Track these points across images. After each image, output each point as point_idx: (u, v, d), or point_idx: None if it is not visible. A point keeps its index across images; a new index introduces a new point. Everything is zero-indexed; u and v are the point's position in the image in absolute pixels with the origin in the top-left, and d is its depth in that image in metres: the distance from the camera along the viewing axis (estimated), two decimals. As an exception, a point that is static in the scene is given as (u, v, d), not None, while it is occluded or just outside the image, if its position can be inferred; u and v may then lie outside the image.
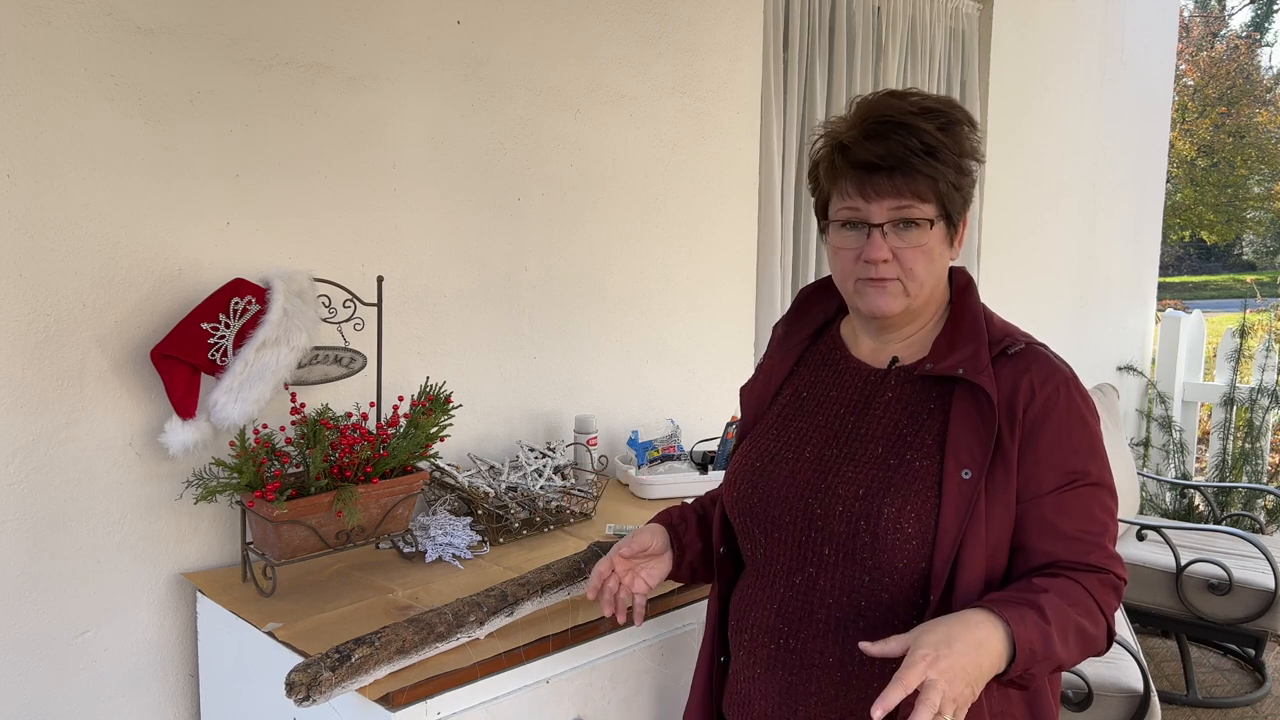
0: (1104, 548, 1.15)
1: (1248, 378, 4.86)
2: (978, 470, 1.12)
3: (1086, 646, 1.11)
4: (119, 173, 1.61)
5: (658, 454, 2.32)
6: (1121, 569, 1.17)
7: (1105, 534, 1.15)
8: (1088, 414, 1.17)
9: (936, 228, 1.17)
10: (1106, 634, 1.14)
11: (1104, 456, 1.18)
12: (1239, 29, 22.81)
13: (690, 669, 1.68)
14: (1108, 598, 1.14)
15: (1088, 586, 1.12)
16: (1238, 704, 3.16)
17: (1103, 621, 1.13)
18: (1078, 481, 1.14)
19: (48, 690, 1.60)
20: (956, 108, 1.19)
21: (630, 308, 2.49)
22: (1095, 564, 1.14)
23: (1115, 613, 1.16)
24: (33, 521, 1.57)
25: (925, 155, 1.14)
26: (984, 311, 1.24)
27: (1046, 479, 1.14)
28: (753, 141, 2.77)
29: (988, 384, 1.14)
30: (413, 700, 1.27)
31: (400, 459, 1.68)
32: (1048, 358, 1.19)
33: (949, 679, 0.95)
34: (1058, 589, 1.09)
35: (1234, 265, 23.16)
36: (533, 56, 2.20)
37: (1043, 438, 1.14)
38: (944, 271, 1.23)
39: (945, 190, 1.16)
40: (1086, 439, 1.16)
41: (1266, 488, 3.98)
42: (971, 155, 1.20)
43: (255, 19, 1.74)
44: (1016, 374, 1.16)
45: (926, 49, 3.40)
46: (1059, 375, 1.17)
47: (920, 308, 1.23)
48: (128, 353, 1.64)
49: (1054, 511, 1.13)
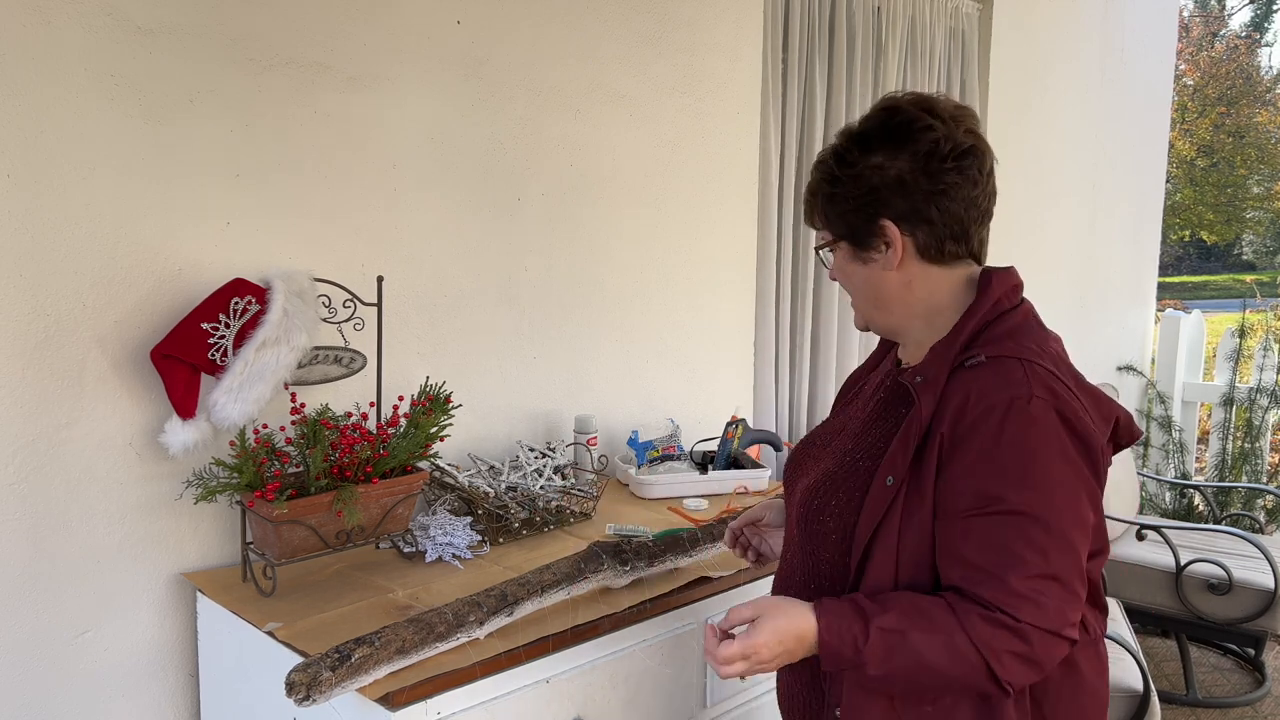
0: (1003, 582, 1.04)
1: (1247, 378, 4.86)
2: (899, 479, 1.13)
3: (936, 677, 1.06)
4: (119, 173, 1.61)
5: (658, 454, 2.32)
6: (1031, 611, 1.03)
7: (1013, 568, 1.04)
8: (1033, 437, 1.06)
9: (840, 247, 1.24)
10: (988, 675, 1.04)
11: (1042, 485, 1.06)
12: (1239, 29, 22.82)
13: (690, 669, 1.68)
14: (991, 637, 1.04)
15: (962, 619, 1.05)
16: (1237, 704, 3.16)
17: (974, 659, 1.04)
18: (991, 508, 1.06)
19: (48, 690, 1.60)
20: (846, 132, 1.22)
21: (630, 307, 2.49)
22: (984, 598, 1.05)
23: (1014, 656, 1.04)
24: (33, 521, 1.57)
25: (809, 196, 1.26)
26: (989, 316, 1.17)
27: (960, 500, 1.08)
28: (753, 141, 2.77)
29: (924, 397, 1.14)
30: (413, 700, 1.27)
31: (400, 459, 1.68)
32: (1008, 372, 1.10)
33: (760, 664, 1.11)
34: (915, 609, 1.07)
35: (1234, 265, 23.15)
36: (533, 56, 2.20)
37: (963, 457, 1.09)
38: (897, 285, 1.21)
39: (824, 213, 1.24)
40: (1016, 464, 1.06)
41: (1266, 488, 3.98)
42: (848, 166, 1.19)
43: (255, 19, 1.74)
44: (963, 389, 1.11)
45: (926, 49, 3.40)
46: (1007, 391, 1.08)
47: (900, 322, 1.24)
48: (128, 353, 1.64)
49: (960, 535, 1.08)
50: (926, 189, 1.15)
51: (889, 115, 1.18)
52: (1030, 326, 1.18)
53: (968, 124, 1.18)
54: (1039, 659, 1.05)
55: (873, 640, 1.06)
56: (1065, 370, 1.14)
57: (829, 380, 3.13)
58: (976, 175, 1.17)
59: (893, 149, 1.16)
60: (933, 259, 1.19)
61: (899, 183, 1.16)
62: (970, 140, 1.17)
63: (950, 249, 1.19)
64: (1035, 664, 1.06)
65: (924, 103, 1.18)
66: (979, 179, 1.18)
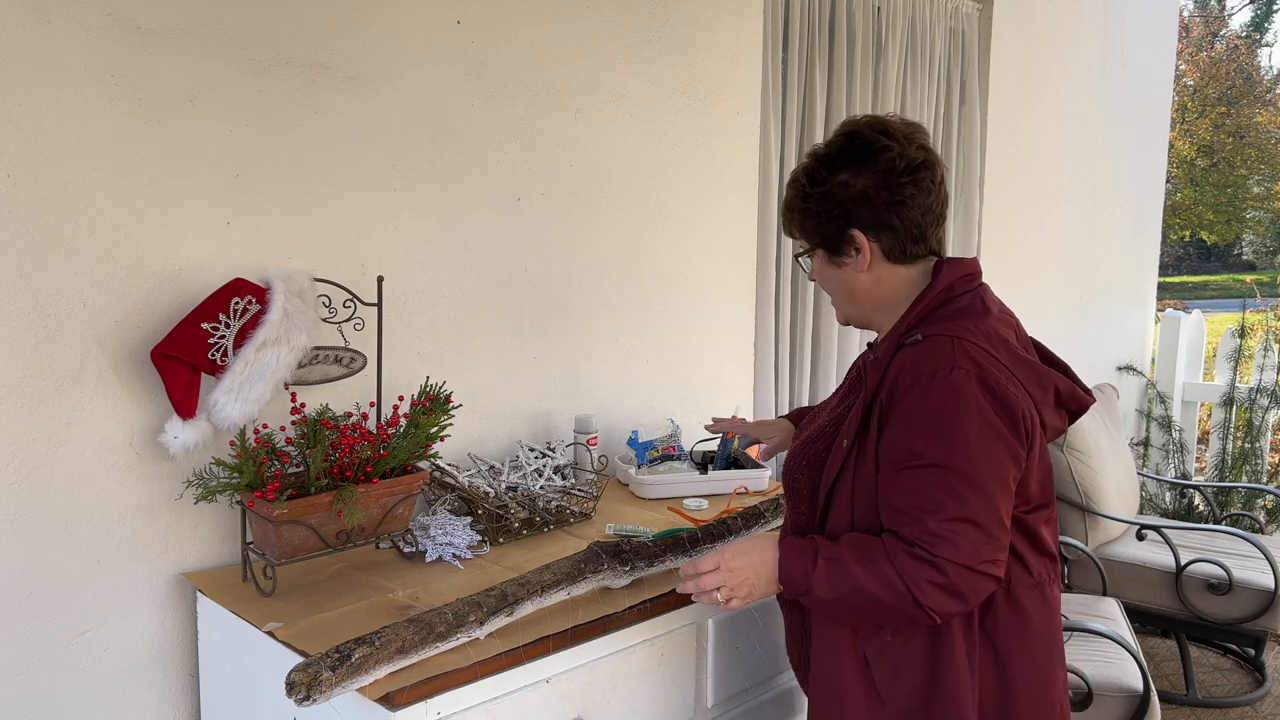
0: (922, 524, 1.23)
1: (1247, 378, 4.87)
2: (850, 441, 1.34)
3: (872, 602, 1.25)
4: (119, 173, 1.61)
5: (657, 454, 2.32)
6: (947, 548, 1.21)
7: (932, 511, 1.22)
8: (951, 400, 1.24)
9: (817, 254, 1.44)
10: (913, 603, 1.23)
11: (958, 442, 1.23)
12: (1239, 29, 22.81)
13: (690, 668, 1.68)
14: (913, 569, 1.22)
15: (891, 554, 1.24)
16: (1237, 704, 3.16)
17: (900, 588, 1.23)
18: (915, 461, 1.25)
19: (48, 690, 1.60)
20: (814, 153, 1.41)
21: (630, 307, 2.49)
22: (906, 536, 1.24)
23: (934, 586, 1.22)
24: (33, 521, 1.57)
25: (784, 209, 1.46)
26: (937, 301, 1.35)
27: (892, 455, 1.28)
28: (753, 141, 2.77)
29: (872, 372, 1.35)
30: (413, 700, 1.27)
31: (400, 459, 1.68)
32: (939, 348, 1.27)
33: (730, 573, 1.35)
34: (857, 545, 1.28)
35: (1234, 265, 23.15)
36: (533, 56, 2.20)
37: (895, 419, 1.28)
38: (868, 284, 1.40)
39: (800, 225, 1.42)
40: (936, 424, 1.24)
41: (1266, 487, 3.98)
42: (818, 184, 1.38)
43: (255, 19, 1.74)
44: (901, 363, 1.30)
45: (926, 49, 3.40)
46: (934, 363, 1.26)
47: (872, 314, 1.44)
48: (128, 353, 1.64)
49: (889, 484, 1.28)
50: (888, 200, 1.34)
51: (849, 139, 1.37)
52: (975, 309, 1.34)
53: (919, 140, 1.36)
54: (960, 590, 1.23)
55: (820, 567, 1.28)
56: (999, 346, 1.30)
57: (829, 380, 3.13)
58: (930, 185, 1.36)
59: (856, 168, 1.35)
60: (897, 259, 1.38)
61: (864, 197, 1.35)
62: (922, 155, 1.35)
63: (912, 250, 1.37)
64: (957, 594, 1.23)
65: (879, 125, 1.36)
66: (931, 188, 1.36)
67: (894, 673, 1.32)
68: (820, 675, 1.38)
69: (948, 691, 1.29)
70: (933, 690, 1.30)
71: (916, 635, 1.31)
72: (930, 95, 3.46)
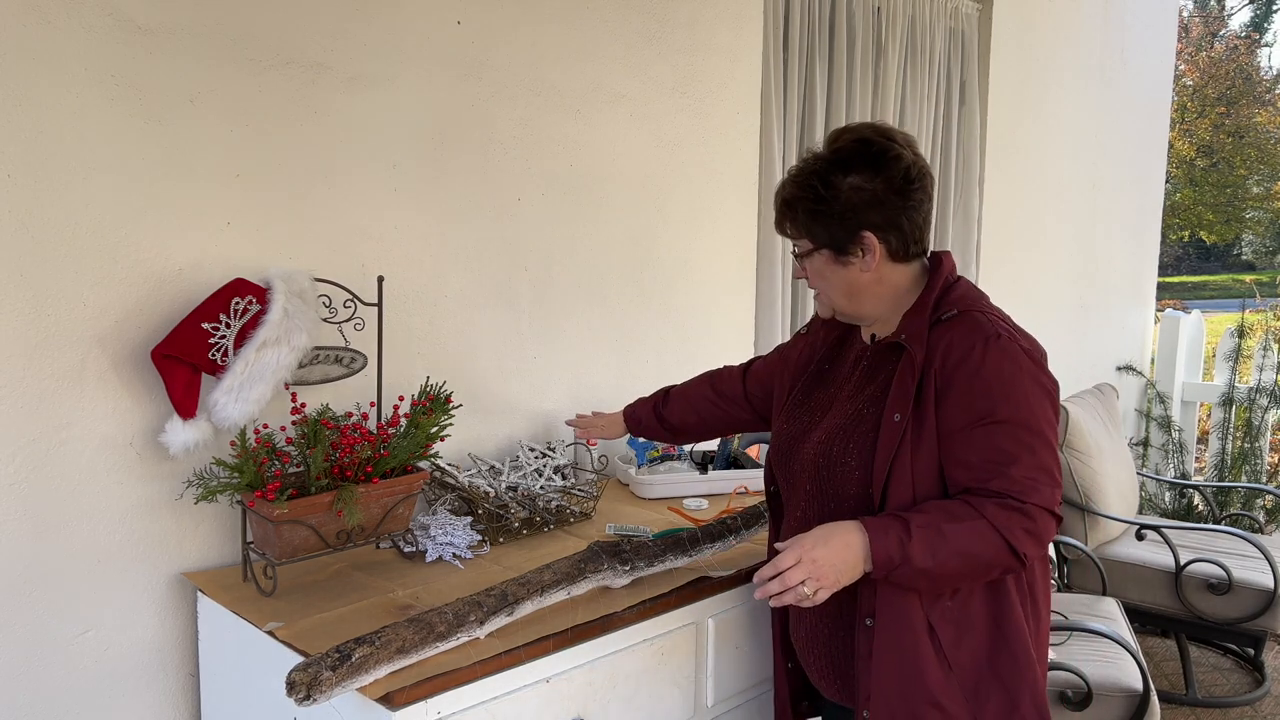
0: (1005, 474, 1.30)
1: (1247, 377, 4.87)
2: (905, 414, 1.37)
3: (970, 560, 1.29)
4: (119, 172, 1.61)
5: (657, 454, 2.32)
6: (1033, 495, 1.30)
7: (1012, 463, 1.31)
8: (1006, 364, 1.33)
9: (821, 254, 1.46)
10: (1009, 551, 1.29)
11: (1021, 400, 1.32)
12: (1238, 29, 22.81)
13: (690, 668, 1.68)
14: (1006, 519, 1.29)
15: (979, 508, 1.30)
16: (1237, 703, 3.17)
17: (996, 539, 1.29)
18: (985, 420, 1.32)
19: (48, 690, 1.61)
20: (821, 157, 1.43)
21: (630, 307, 2.50)
22: (994, 489, 1.31)
23: (1025, 533, 1.29)
24: (33, 521, 1.57)
25: (784, 208, 1.48)
26: (944, 286, 1.44)
27: (958, 419, 1.34)
28: (753, 141, 2.77)
29: (915, 347, 1.39)
30: (413, 700, 1.27)
31: (400, 459, 1.68)
32: (975, 320, 1.38)
33: (814, 563, 1.30)
34: (940, 509, 1.32)
35: (1233, 265, 23.16)
36: (533, 56, 2.20)
37: (956, 385, 1.35)
38: (870, 281, 1.45)
39: (807, 225, 1.44)
40: (999, 384, 1.32)
41: (1265, 487, 3.98)
42: (831, 187, 1.40)
43: (255, 19, 1.75)
44: (945, 336, 1.38)
45: (926, 49, 3.40)
46: (979, 334, 1.35)
47: (868, 309, 1.48)
48: (128, 353, 1.64)
49: (962, 446, 1.34)
50: (899, 204, 1.41)
51: (863, 145, 1.41)
52: (976, 293, 1.47)
53: (915, 148, 1.44)
54: (1041, 533, 1.31)
55: (915, 536, 1.29)
56: (1009, 321, 1.43)
57: (829, 380, 3.13)
58: (930, 190, 1.45)
59: (870, 173, 1.40)
60: (899, 259, 1.45)
61: (877, 200, 1.40)
62: (922, 163, 1.44)
63: (912, 249, 1.45)
64: (1039, 538, 1.31)
65: (886, 133, 1.43)
66: (931, 193, 1.46)
67: (958, 634, 1.37)
68: (894, 650, 1.37)
69: (1013, 643, 1.37)
70: (998, 645, 1.37)
71: (974, 595, 1.38)
72: (930, 95, 3.46)
